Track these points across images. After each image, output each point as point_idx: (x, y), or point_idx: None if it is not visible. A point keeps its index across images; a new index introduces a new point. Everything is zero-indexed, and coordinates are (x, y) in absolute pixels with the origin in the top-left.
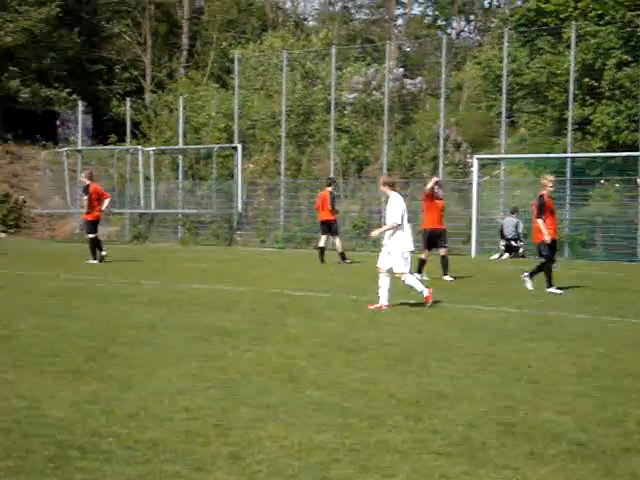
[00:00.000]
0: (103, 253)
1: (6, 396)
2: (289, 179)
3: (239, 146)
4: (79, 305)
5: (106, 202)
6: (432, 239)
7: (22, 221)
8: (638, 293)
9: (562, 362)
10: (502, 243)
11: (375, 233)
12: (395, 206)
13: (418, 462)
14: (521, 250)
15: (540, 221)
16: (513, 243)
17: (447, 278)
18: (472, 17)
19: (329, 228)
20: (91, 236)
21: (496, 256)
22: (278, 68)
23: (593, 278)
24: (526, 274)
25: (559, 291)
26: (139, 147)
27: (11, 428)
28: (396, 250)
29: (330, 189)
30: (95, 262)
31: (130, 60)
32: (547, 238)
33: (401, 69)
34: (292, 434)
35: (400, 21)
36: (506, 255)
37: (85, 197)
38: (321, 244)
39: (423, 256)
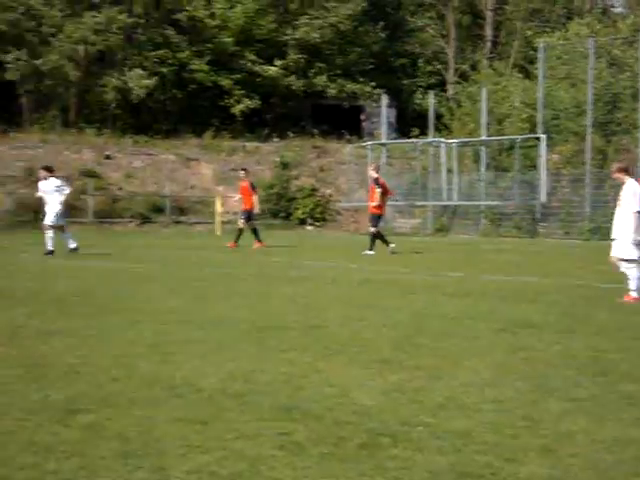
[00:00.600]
0: (371, 252)
1: (318, 384)
2: (595, 169)
3: (543, 136)
4: (384, 296)
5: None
6: None
7: (328, 214)
8: None
9: None
10: None
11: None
12: (636, 193)
13: None
14: None
15: None
16: None
17: None
18: None
19: None
20: (376, 229)
21: None
22: (583, 56)
23: None
24: None
25: None
26: (442, 140)
27: (323, 415)
28: (627, 236)
29: None
30: (393, 246)
31: (433, 53)
32: None
33: None
34: (604, 428)
35: None
36: None
37: (379, 190)
38: None
39: None
